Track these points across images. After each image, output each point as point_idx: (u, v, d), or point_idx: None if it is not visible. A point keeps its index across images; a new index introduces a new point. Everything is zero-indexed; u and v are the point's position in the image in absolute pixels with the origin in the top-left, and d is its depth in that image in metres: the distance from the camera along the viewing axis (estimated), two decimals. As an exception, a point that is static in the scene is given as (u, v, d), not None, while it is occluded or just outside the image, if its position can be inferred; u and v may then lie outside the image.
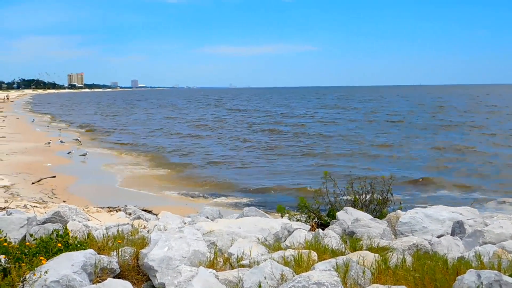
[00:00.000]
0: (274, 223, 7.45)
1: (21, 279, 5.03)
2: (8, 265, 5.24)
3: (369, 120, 53.69)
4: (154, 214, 11.65)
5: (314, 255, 5.80)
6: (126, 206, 11.92)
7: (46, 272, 5.15)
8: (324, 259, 5.72)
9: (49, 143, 32.71)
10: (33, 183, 19.71)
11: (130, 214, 11.12)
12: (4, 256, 5.45)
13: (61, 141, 34.95)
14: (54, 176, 21.03)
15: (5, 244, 5.76)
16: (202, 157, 29.13)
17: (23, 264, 5.33)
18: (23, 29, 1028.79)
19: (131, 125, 53.97)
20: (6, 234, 6.45)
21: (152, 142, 37.04)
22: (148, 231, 7.63)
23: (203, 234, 6.64)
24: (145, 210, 12.41)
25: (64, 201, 16.08)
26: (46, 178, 20.58)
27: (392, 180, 8.99)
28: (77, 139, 36.56)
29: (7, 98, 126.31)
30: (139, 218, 10.03)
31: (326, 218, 8.55)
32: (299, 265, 5.48)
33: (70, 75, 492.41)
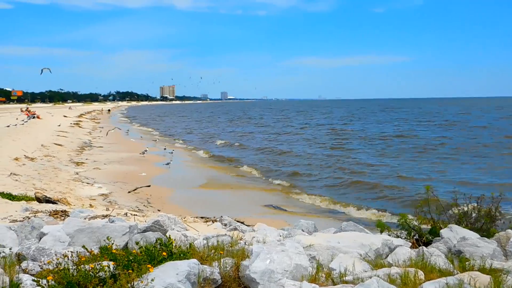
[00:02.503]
0: (375, 239, 7.25)
1: (130, 285, 5.16)
2: (117, 272, 5.40)
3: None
4: (247, 225, 11.69)
5: (421, 274, 5.56)
6: (221, 216, 12.03)
7: (152, 280, 5.25)
8: (431, 279, 5.48)
9: (143, 152, 33.83)
10: (129, 192, 20.41)
11: (225, 225, 11.21)
12: (112, 262, 5.61)
13: (164, 149, 36.23)
14: (149, 186, 21.69)
15: (114, 251, 5.93)
16: (287, 169, 29.07)
17: (130, 271, 5.47)
18: (120, 44, 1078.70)
19: (226, 136, 54.78)
20: (114, 241, 6.66)
21: (241, 155, 37.40)
22: (245, 243, 7.63)
23: (303, 247, 6.56)
24: (238, 221, 12.49)
25: (159, 210, 16.52)
26: (141, 187, 21.24)
27: (502, 197, 8.54)
28: (171, 152, 37.57)
29: (108, 111, 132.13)
30: (235, 229, 10.09)
31: (427, 236, 8.24)
32: (406, 284, 5.28)
33: (162, 88, 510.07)
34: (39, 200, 14.55)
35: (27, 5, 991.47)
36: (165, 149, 39.30)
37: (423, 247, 6.90)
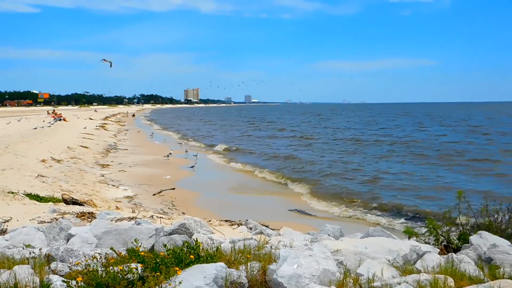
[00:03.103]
0: (402, 245, 7.16)
1: (158, 288, 5.19)
2: (145, 274, 5.42)
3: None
4: (272, 229, 11.67)
5: (451, 281, 5.48)
6: (247, 220, 12.03)
7: (180, 282, 5.27)
8: (461, 286, 5.41)
9: (168, 155, 34.02)
10: (154, 194, 20.55)
11: (251, 228, 11.21)
12: (141, 265, 5.64)
13: (186, 151, 36.57)
14: (173, 188, 21.81)
15: (142, 253, 5.97)
16: (309, 174, 28.94)
17: (158, 273, 5.49)
18: (145, 47, 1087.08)
19: (249, 140, 54.85)
20: (141, 243, 6.69)
21: (264, 159, 37.36)
22: (271, 247, 7.61)
23: (331, 252, 6.51)
24: (263, 225, 12.47)
25: (183, 213, 16.61)
26: (166, 190, 21.38)
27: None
28: (195, 155, 37.72)
29: (133, 115, 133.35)
30: (261, 233, 10.07)
31: (456, 242, 8.12)
32: (435, 291, 5.21)
33: (186, 91, 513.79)
34: (66, 201, 14.72)
35: (54, 8, 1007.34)
36: (186, 151, 39.58)
37: (452, 253, 6.80)
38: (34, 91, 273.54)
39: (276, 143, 50.27)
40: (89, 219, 11.51)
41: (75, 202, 14.66)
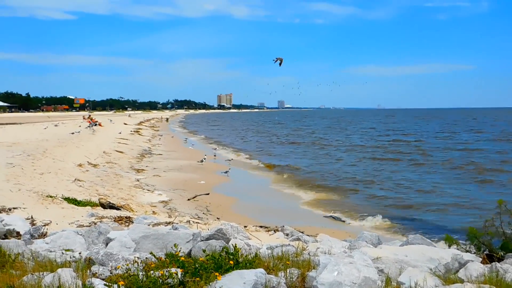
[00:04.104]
0: (444, 253, 7.04)
1: (198, 293, 5.20)
2: (186, 279, 5.44)
3: None
4: (308, 235, 11.60)
5: (496, 291, 5.37)
6: (283, 226, 11.99)
7: (220, 288, 5.27)
8: (507, 297, 5.28)
9: (202, 161, 34.16)
10: (188, 199, 20.64)
11: (287, 234, 11.17)
12: (181, 270, 5.66)
13: (214, 155, 36.72)
14: (208, 193, 21.87)
15: (182, 258, 5.98)
16: (343, 180, 28.72)
17: (198, 278, 5.50)
18: (178, 53, 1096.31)
19: (281, 146, 54.79)
20: (180, 248, 6.72)
21: (297, 163, 37.22)
22: (309, 253, 7.56)
23: (371, 260, 6.43)
24: (299, 231, 12.42)
25: (218, 218, 16.62)
26: (200, 195, 21.45)
27: None
28: (229, 160, 37.74)
29: (167, 120, 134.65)
30: (298, 239, 10.03)
31: (499, 251, 7.93)
32: (480, 301, 5.10)
33: (220, 96, 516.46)
34: (103, 206, 14.90)
35: (90, 15, 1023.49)
36: (214, 155, 39.76)
37: (496, 263, 6.64)
38: (70, 97, 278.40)
39: (310, 148, 50.12)
40: (127, 224, 11.63)
41: (112, 207, 14.84)
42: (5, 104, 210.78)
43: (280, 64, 15.89)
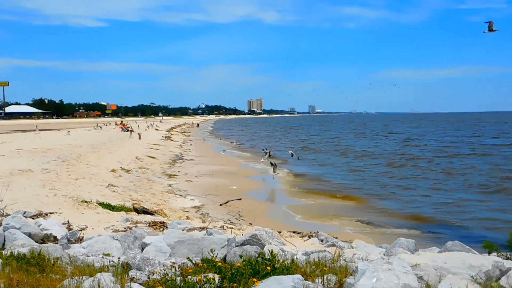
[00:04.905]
0: (484, 260, 6.88)
1: (236, 299, 5.19)
2: (223, 285, 5.43)
3: None
4: (343, 241, 11.50)
5: (541, 300, 5.22)
6: (318, 232, 11.92)
7: (257, 294, 5.25)
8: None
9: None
10: (220, 205, 20.69)
11: (322, 240, 11.09)
12: (218, 275, 5.65)
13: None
14: (240, 199, 21.88)
15: (219, 263, 5.98)
16: (373, 186, 28.43)
17: (235, 284, 5.49)
18: (209, 58, 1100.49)
19: (312, 152, 54.57)
20: (217, 254, 6.72)
21: (328, 171, 37.03)
22: (345, 259, 7.49)
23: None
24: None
25: (250, 224, 16.62)
26: (232, 200, 21.48)
27: None
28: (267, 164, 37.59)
29: (197, 126, 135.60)
30: (333, 245, 9.95)
31: (540, 259, 7.74)
32: (525, 310, 4.96)
33: (250, 101, 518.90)
34: (137, 211, 15.04)
35: (122, 22, 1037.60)
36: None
37: (540, 271, 6.47)
38: (103, 103, 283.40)
39: (342, 154, 49.83)
40: (161, 229, 11.70)
41: (145, 212, 14.96)
42: (39, 110, 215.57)
43: (492, 29, 15.09)
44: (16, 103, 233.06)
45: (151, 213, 14.84)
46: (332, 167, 38.90)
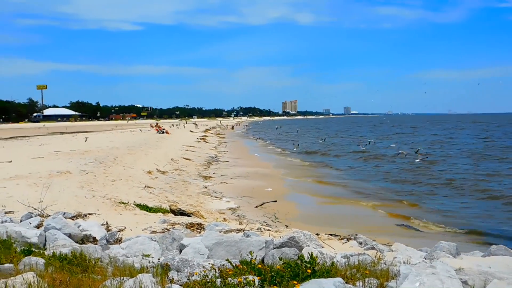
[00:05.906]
0: (530, 265, 6.70)
1: (277, 302, 5.14)
2: (263, 287, 5.39)
3: None
4: (383, 244, 11.34)
5: None
6: (356, 234, 11.78)
7: (298, 297, 5.20)
8: None
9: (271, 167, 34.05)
10: (256, 207, 20.66)
11: (361, 243, 10.95)
12: (258, 277, 5.62)
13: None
14: (276, 201, 21.81)
15: (260, 266, 5.95)
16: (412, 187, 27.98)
17: (275, 286, 5.44)
18: (243, 61, 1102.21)
19: (346, 155, 54.13)
20: (256, 256, 6.69)
21: (363, 174, 36.65)
22: (385, 263, 7.37)
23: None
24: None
25: (286, 226, 16.56)
26: (268, 202, 21.43)
27: None
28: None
29: (232, 128, 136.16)
30: (372, 248, 9.82)
31: None
32: None
33: (284, 103, 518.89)
34: (174, 212, 15.13)
35: (156, 26, 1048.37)
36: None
37: None
38: (138, 105, 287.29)
39: (380, 159, 49.27)
40: (198, 230, 11.74)
41: (182, 213, 15.04)
42: (77, 113, 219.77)
43: None
44: (54, 106, 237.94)
45: (187, 215, 14.91)
46: (374, 172, 38.49)
